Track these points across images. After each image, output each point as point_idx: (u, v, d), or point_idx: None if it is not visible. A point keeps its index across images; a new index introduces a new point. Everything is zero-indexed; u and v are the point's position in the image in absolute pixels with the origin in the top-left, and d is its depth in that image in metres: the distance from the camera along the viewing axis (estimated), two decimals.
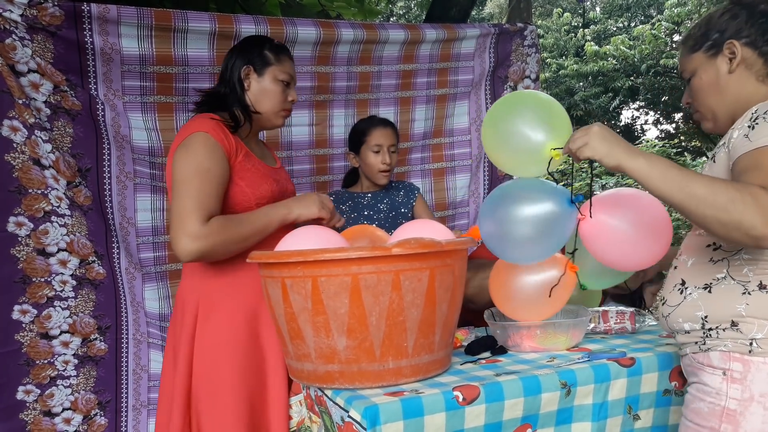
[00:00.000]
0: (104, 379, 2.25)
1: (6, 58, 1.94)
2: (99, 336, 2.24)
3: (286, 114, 1.81)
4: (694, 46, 1.39)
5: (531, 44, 2.83)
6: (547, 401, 1.42)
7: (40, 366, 2.13)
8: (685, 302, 1.33)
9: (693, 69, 1.40)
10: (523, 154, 1.57)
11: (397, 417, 1.28)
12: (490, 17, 14.86)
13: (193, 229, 1.51)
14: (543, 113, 1.55)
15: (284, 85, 1.77)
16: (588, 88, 13.32)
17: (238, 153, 1.66)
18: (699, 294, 1.31)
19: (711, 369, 1.28)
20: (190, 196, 1.53)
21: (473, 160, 2.89)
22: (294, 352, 1.46)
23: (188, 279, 1.71)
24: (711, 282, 1.29)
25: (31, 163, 2.05)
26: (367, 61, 2.53)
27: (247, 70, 1.73)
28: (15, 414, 2.09)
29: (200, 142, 1.59)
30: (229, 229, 1.56)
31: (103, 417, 2.25)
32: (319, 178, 2.63)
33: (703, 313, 1.30)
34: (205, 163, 1.57)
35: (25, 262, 2.08)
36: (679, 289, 1.36)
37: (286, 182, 1.84)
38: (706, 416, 1.27)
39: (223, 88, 1.75)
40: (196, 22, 2.13)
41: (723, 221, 1.09)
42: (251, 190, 1.66)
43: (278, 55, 1.77)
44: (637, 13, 14.70)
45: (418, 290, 1.37)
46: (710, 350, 1.29)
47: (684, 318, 1.33)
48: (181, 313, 1.68)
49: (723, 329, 1.26)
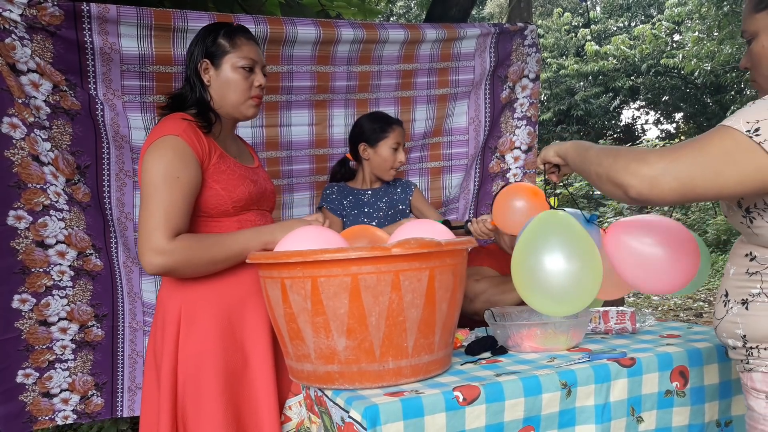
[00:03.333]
0: (101, 363, 2.32)
1: (6, 58, 1.95)
2: (96, 323, 2.30)
3: (256, 102, 1.69)
4: (759, 3, 1.19)
5: (531, 44, 2.82)
6: (548, 402, 1.42)
7: (39, 351, 2.19)
8: (727, 317, 1.22)
9: (755, 30, 1.21)
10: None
11: (397, 417, 1.27)
12: (490, 17, 14.85)
13: (158, 244, 1.47)
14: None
15: (246, 71, 1.65)
16: (588, 87, 13.33)
17: (211, 155, 1.60)
18: (738, 309, 1.20)
19: (756, 392, 1.17)
20: (157, 208, 1.49)
21: (469, 159, 2.89)
22: (294, 352, 1.46)
23: (168, 283, 1.65)
24: (747, 298, 1.18)
25: (30, 159, 2.08)
26: (367, 60, 2.53)
27: (204, 64, 1.64)
28: (15, 396, 2.17)
29: (170, 147, 1.52)
30: (196, 250, 1.51)
31: (99, 397, 2.32)
32: (319, 177, 2.63)
33: (741, 331, 1.19)
34: (175, 170, 1.51)
35: (25, 254, 2.13)
36: (723, 302, 1.25)
37: (265, 182, 1.76)
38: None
39: (188, 89, 1.66)
40: (195, 22, 2.12)
41: (605, 186, 1.17)
42: (227, 193, 1.60)
43: (233, 40, 1.65)
44: (637, 13, 14.70)
45: (418, 290, 1.37)
46: (753, 371, 1.18)
47: (727, 334, 1.23)
48: (162, 322, 1.62)
49: (765, 348, 1.15)
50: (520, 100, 2.87)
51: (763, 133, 1.04)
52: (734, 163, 1.05)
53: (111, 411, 2.35)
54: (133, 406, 2.39)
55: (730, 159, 1.05)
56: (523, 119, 2.89)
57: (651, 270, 1.49)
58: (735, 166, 1.05)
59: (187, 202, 1.53)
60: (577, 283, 1.40)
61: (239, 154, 1.75)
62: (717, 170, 1.05)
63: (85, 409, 2.30)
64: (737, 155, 1.05)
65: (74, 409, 2.27)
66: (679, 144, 1.11)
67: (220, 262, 1.56)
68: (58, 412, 2.25)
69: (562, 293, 1.40)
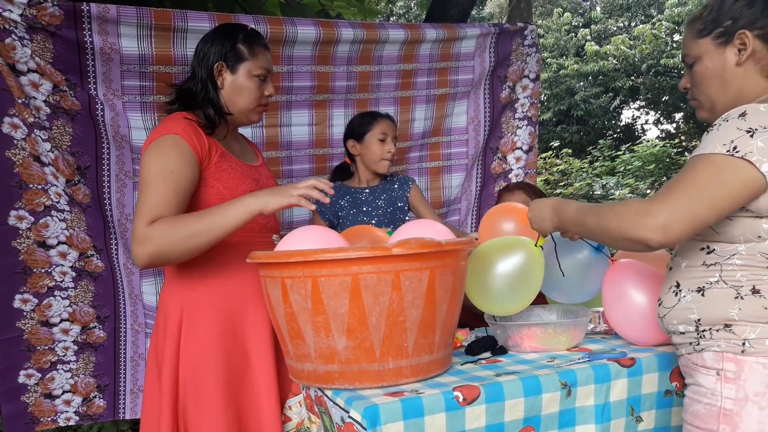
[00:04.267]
0: (103, 365, 2.32)
1: (6, 58, 1.95)
2: (98, 324, 2.30)
3: (263, 109, 1.73)
4: (702, 30, 1.32)
5: (531, 44, 2.82)
6: (548, 402, 1.42)
7: (41, 351, 2.20)
8: (680, 305, 1.32)
9: (698, 55, 1.33)
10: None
11: (397, 417, 1.27)
12: (490, 17, 14.85)
13: (138, 232, 1.46)
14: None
15: (260, 81, 1.68)
16: (588, 87, 13.32)
17: (212, 154, 1.60)
18: (692, 297, 1.30)
19: (705, 369, 1.27)
20: (145, 201, 1.49)
21: (469, 159, 2.89)
22: (294, 352, 1.46)
23: (170, 283, 1.66)
24: (704, 285, 1.28)
25: (31, 159, 2.08)
26: (366, 60, 2.53)
27: (220, 66, 1.65)
28: (17, 396, 2.17)
29: (170, 145, 1.53)
30: (173, 227, 1.46)
31: (101, 399, 2.33)
32: (319, 177, 2.62)
33: (696, 315, 1.29)
34: (170, 164, 1.51)
35: (26, 254, 2.13)
36: (674, 291, 1.35)
37: (267, 180, 1.77)
38: (704, 418, 1.26)
39: (195, 85, 1.67)
40: (195, 22, 2.13)
41: (620, 244, 1.26)
42: (228, 192, 1.61)
43: (252, 48, 1.67)
44: (637, 13, 14.69)
45: (418, 290, 1.37)
46: (704, 351, 1.28)
47: (678, 320, 1.33)
48: (164, 322, 1.63)
49: (716, 330, 1.26)
50: (521, 100, 2.88)
51: (741, 148, 1.15)
52: (723, 185, 1.16)
53: (113, 413, 2.36)
54: (135, 408, 2.39)
55: (719, 182, 1.16)
56: (524, 119, 2.89)
57: (635, 324, 1.63)
58: (725, 187, 1.16)
59: (176, 195, 1.51)
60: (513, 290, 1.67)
61: (242, 152, 1.76)
62: (712, 197, 1.16)
63: (87, 411, 2.30)
64: (724, 176, 1.16)
65: (76, 411, 2.28)
66: (668, 186, 1.20)
67: (201, 233, 1.47)
68: (60, 413, 2.25)
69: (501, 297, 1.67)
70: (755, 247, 1.21)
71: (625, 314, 1.65)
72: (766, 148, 1.15)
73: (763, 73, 1.28)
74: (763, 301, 1.21)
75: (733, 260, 1.25)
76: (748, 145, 1.15)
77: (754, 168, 1.14)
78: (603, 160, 9.83)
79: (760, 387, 1.20)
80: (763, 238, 1.20)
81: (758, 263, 1.22)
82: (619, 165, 9.11)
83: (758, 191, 1.16)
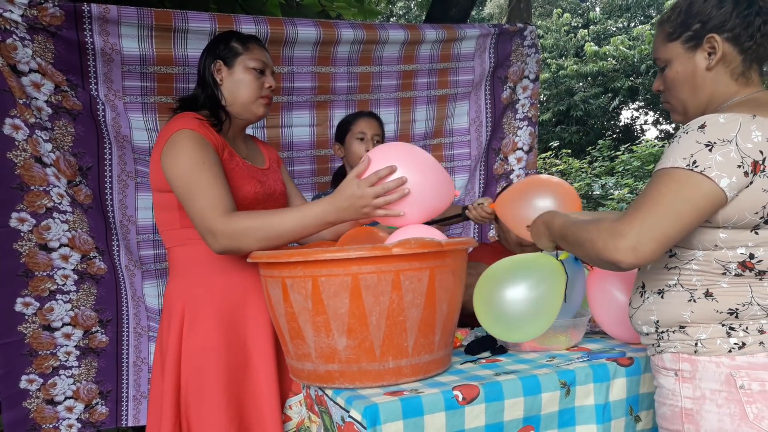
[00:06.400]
0: (105, 370, 2.30)
1: (7, 58, 1.95)
2: (100, 328, 2.29)
3: (266, 102, 1.74)
4: (671, 34, 1.31)
5: (531, 44, 2.83)
6: (548, 401, 1.43)
7: (43, 356, 2.18)
8: (643, 306, 1.34)
9: (668, 59, 1.32)
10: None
11: (397, 417, 1.28)
12: (490, 17, 14.86)
13: (214, 226, 1.49)
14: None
15: (258, 73, 1.71)
16: (588, 88, 13.34)
17: (222, 151, 1.63)
18: (654, 299, 1.31)
19: (665, 371, 1.29)
20: (201, 196, 1.51)
21: (472, 160, 2.89)
22: (294, 351, 1.46)
23: (174, 280, 1.68)
24: (664, 288, 1.30)
25: (32, 160, 2.07)
26: (367, 61, 2.53)
27: (217, 65, 1.69)
28: (19, 402, 2.15)
29: (186, 138, 1.55)
30: (257, 227, 1.50)
31: (104, 406, 2.31)
32: (320, 178, 2.64)
33: (655, 317, 1.30)
34: (198, 157, 1.53)
35: (28, 257, 2.12)
36: (639, 293, 1.36)
37: (274, 183, 1.78)
38: (670, 419, 1.28)
39: (200, 90, 1.72)
40: (196, 23, 2.13)
41: (596, 264, 1.26)
42: (233, 191, 1.62)
43: (246, 44, 1.72)
44: (636, 14, 14.70)
45: (418, 290, 1.38)
46: (663, 352, 1.30)
47: (642, 321, 1.34)
48: (168, 317, 1.65)
49: (673, 331, 1.27)
50: (521, 101, 2.88)
51: (700, 163, 1.14)
52: (686, 199, 1.15)
53: (116, 420, 2.33)
54: (138, 415, 2.36)
55: (682, 197, 1.15)
56: (524, 120, 2.90)
57: (623, 322, 1.63)
58: (688, 202, 1.15)
59: (222, 181, 1.55)
60: (531, 317, 1.52)
61: (249, 154, 1.78)
62: (677, 212, 1.15)
63: (89, 418, 2.27)
64: (686, 191, 1.15)
65: (78, 418, 2.25)
66: (635, 205, 1.20)
67: (277, 238, 1.51)
68: (63, 420, 2.22)
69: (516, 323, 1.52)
70: (711, 255, 1.22)
71: (611, 314, 1.68)
72: (724, 163, 1.13)
73: (734, 77, 1.27)
74: (715, 304, 1.23)
75: (690, 265, 1.25)
76: (707, 159, 1.14)
77: (713, 183, 1.13)
78: (602, 161, 9.85)
79: (715, 385, 1.21)
80: (719, 247, 1.21)
81: (713, 269, 1.23)
82: (618, 165, 9.12)
83: (719, 205, 1.16)
